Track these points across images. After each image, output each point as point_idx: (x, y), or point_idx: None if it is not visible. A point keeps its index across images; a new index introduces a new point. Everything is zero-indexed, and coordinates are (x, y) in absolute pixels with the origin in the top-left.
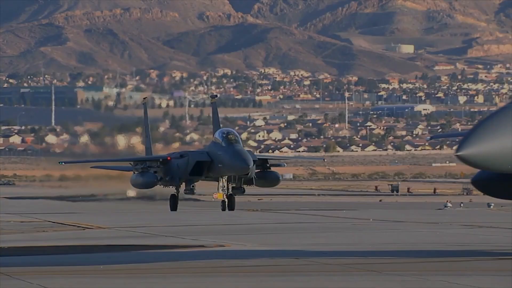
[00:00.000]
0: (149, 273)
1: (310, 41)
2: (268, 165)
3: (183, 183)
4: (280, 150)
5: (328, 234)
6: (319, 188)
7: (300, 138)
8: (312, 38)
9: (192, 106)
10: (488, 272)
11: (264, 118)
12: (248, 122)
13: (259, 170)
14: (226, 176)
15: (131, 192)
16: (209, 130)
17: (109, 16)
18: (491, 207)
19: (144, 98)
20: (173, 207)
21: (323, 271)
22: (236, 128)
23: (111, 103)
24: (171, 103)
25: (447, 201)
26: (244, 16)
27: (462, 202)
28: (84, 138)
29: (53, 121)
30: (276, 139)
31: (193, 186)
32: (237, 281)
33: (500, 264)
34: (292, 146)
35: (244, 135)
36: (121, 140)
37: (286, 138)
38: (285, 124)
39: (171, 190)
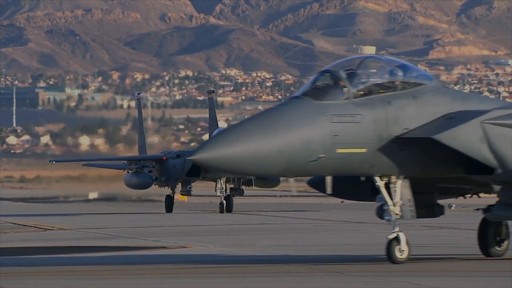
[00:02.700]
0: (111, 274)
1: (272, 43)
2: None
3: (179, 184)
4: None
5: (291, 235)
6: (281, 189)
7: None
8: (274, 40)
9: (154, 107)
10: (449, 272)
11: (227, 120)
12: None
13: None
14: (224, 177)
15: (93, 194)
16: (171, 131)
17: (71, 17)
18: (452, 208)
19: (138, 94)
20: (169, 209)
21: (285, 272)
22: (198, 129)
23: (73, 104)
24: (133, 104)
25: None
26: (206, 17)
27: None
28: (46, 139)
29: (14, 122)
30: None
31: (189, 188)
32: (200, 282)
33: (460, 264)
34: None
35: (205, 137)
36: (84, 141)
37: None
38: None
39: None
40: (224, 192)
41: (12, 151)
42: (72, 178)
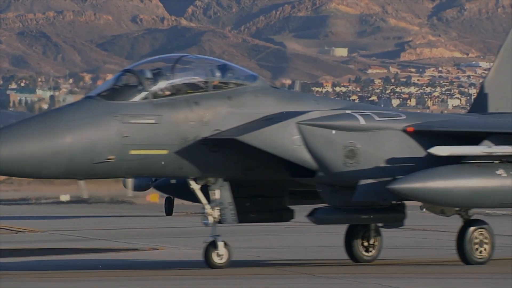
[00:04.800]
0: (82, 276)
1: (244, 44)
2: None
3: None
4: None
5: (262, 237)
6: None
7: None
8: (246, 41)
9: None
10: (420, 274)
11: None
12: None
13: None
14: None
15: (64, 196)
16: None
17: (42, 18)
18: (424, 210)
19: None
20: (169, 212)
21: (256, 274)
22: None
23: (44, 105)
24: None
25: None
26: (177, 19)
27: None
28: None
29: None
30: None
31: None
32: (170, 284)
33: (431, 267)
34: None
35: None
36: None
37: None
38: None
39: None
40: None
41: None
42: (43, 181)
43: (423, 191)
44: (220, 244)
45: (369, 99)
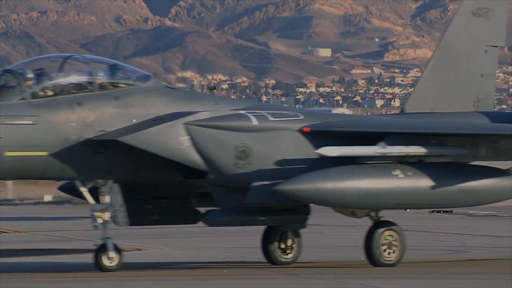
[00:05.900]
0: (66, 277)
1: (227, 45)
2: None
3: None
4: None
5: (245, 238)
6: None
7: None
8: (230, 42)
9: None
10: (404, 275)
11: None
12: None
13: None
14: None
15: (48, 197)
16: None
17: (26, 19)
18: (407, 210)
19: None
20: None
21: (241, 275)
22: None
23: None
24: None
25: None
26: (161, 19)
27: None
28: None
29: None
30: None
31: None
32: (156, 285)
33: (415, 268)
34: None
35: None
36: None
37: None
38: None
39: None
40: None
41: None
42: (27, 181)
43: (312, 192)
44: (111, 247)
45: (353, 99)
